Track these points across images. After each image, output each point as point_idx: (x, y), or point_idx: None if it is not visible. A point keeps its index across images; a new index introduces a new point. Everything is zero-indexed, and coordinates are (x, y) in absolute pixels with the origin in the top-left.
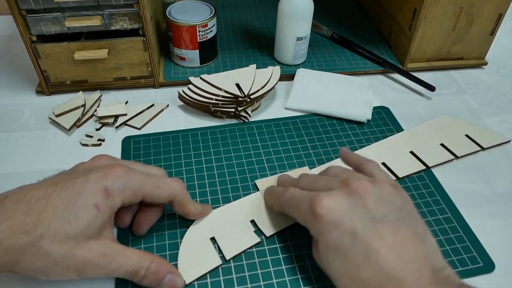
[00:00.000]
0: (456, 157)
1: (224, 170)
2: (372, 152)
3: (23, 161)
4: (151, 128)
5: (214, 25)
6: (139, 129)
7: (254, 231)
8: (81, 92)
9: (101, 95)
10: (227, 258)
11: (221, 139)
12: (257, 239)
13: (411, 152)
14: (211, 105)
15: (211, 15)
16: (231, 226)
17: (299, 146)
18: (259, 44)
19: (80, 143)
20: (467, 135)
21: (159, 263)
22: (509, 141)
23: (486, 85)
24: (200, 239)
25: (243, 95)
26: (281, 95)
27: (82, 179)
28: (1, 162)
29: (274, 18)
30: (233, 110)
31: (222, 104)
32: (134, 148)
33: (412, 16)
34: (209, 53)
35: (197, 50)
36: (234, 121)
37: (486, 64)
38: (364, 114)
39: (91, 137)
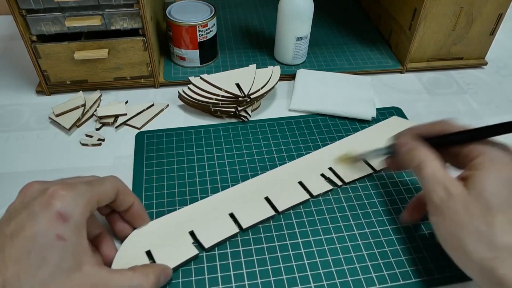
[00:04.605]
0: None
1: (225, 167)
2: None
3: (23, 161)
4: (151, 128)
5: (214, 25)
6: (139, 129)
7: (193, 243)
8: (81, 92)
9: (101, 95)
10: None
11: (225, 137)
12: (195, 251)
13: None
14: (211, 105)
15: (211, 15)
16: (169, 239)
17: (301, 146)
18: (259, 44)
19: (80, 143)
20: None
21: (154, 271)
22: None
23: (486, 85)
24: (137, 252)
25: (243, 95)
26: (281, 95)
27: (28, 218)
28: (1, 162)
29: (274, 18)
30: (233, 110)
31: (222, 104)
32: (147, 143)
33: (412, 16)
34: (209, 53)
35: (197, 50)
36: (234, 120)
37: (486, 64)
38: (369, 112)
39: (91, 137)
